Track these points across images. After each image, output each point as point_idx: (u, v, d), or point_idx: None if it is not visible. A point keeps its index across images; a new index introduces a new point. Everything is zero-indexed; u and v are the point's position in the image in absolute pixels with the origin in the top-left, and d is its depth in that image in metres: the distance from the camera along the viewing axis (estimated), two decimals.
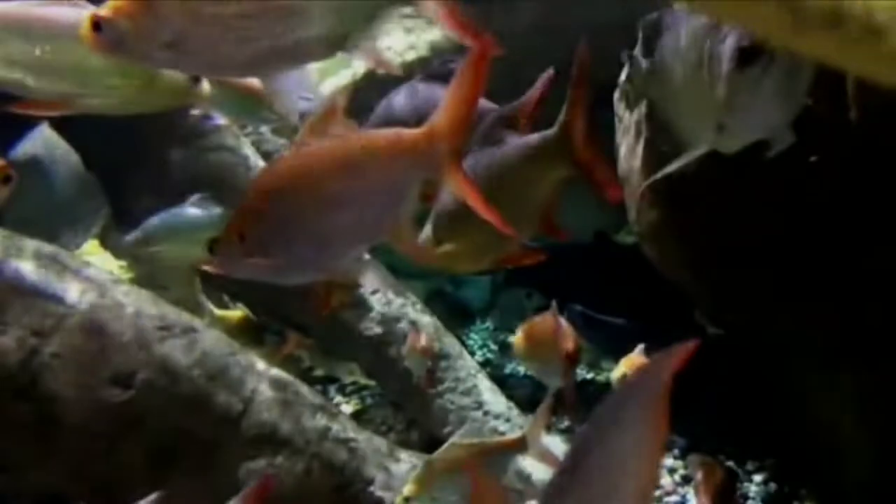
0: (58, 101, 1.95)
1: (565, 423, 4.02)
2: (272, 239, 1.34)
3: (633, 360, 2.85)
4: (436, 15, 1.38)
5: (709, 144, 1.70)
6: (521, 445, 2.19)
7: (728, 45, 1.51)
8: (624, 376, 2.81)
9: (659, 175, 1.97)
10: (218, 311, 3.28)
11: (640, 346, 2.90)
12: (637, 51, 2.21)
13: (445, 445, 2.21)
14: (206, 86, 2.07)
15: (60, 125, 3.12)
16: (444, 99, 1.33)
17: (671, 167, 1.87)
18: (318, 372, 3.90)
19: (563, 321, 2.56)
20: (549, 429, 3.72)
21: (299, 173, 1.34)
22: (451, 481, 2.14)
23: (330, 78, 3.93)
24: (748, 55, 1.47)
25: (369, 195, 1.33)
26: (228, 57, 1.28)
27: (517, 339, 2.80)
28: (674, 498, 3.36)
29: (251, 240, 1.34)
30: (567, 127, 1.61)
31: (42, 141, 3.00)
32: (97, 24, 1.29)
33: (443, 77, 1.79)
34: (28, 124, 2.99)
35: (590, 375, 5.01)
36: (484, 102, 1.53)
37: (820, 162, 2.08)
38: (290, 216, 1.33)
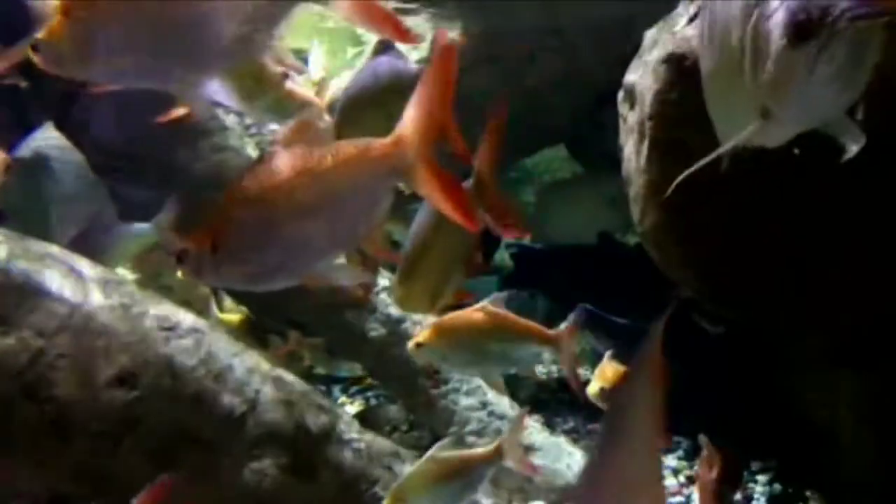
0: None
1: (570, 424, 4.03)
2: (244, 248, 1.37)
3: (606, 369, 2.78)
4: (350, 14, 1.37)
5: (750, 135, 1.48)
6: (496, 456, 2.20)
7: (779, 18, 1.30)
8: (602, 390, 2.71)
9: (687, 172, 1.78)
10: (219, 314, 3.29)
11: (608, 354, 2.86)
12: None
13: (423, 459, 2.20)
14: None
15: (64, 126, 3.13)
16: (409, 106, 1.33)
17: (700, 163, 1.69)
18: (319, 370, 3.90)
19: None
20: (554, 429, 3.73)
21: (270, 184, 1.36)
22: (428, 495, 2.14)
23: (334, 79, 3.93)
24: (803, 30, 1.26)
25: (340, 204, 1.36)
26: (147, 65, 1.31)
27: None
28: (678, 499, 3.35)
29: (223, 248, 1.36)
30: (479, 179, 1.73)
31: (45, 140, 3.01)
32: (35, 47, 1.35)
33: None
34: (32, 125, 3.00)
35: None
36: None
37: (821, 162, 2.07)
38: (262, 225, 1.35)
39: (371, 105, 1.94)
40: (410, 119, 1.33)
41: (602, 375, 2.77)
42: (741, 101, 1.48)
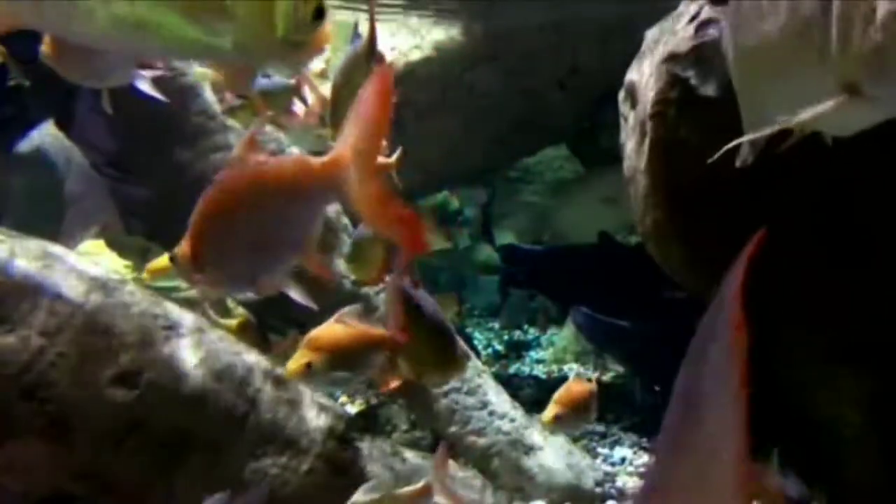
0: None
1: None
2: (212, 258, 1.47)
3: (571, 387, 2.53)
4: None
5: (827, 112, 1.26)
6: (427, 493, 2.18)
7: None
8: (556, 417, 2.44)
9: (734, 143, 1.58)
10: (217, 319, 3.27)
11: (574, 372, 2.76)
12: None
13: (351, 500, 2.20)
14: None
15: (67, 125, 3.13)
16: (347, 126, 1.35)
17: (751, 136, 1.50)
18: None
19: None
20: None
21: (227, 201, 1.45)
22: None
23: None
24: None
25: (281, 218, 1.43)
26: None
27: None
28: None
29: (198, 258, 1.47)
30: None
31: (46, 138, 3.01)
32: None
33: None
34: (32, 122, 3.00)
35: (594, 375, 5.00)
36: None
37: (821, 161, 2.07)
38: (223, 239, 1.45)
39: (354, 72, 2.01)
40: (348, 139, 1.34)
41: (566, 394, 2.51)
42: (802, 78, 1.32)
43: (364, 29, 2.25)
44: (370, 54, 1.86)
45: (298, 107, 2.72)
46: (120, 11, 1.19)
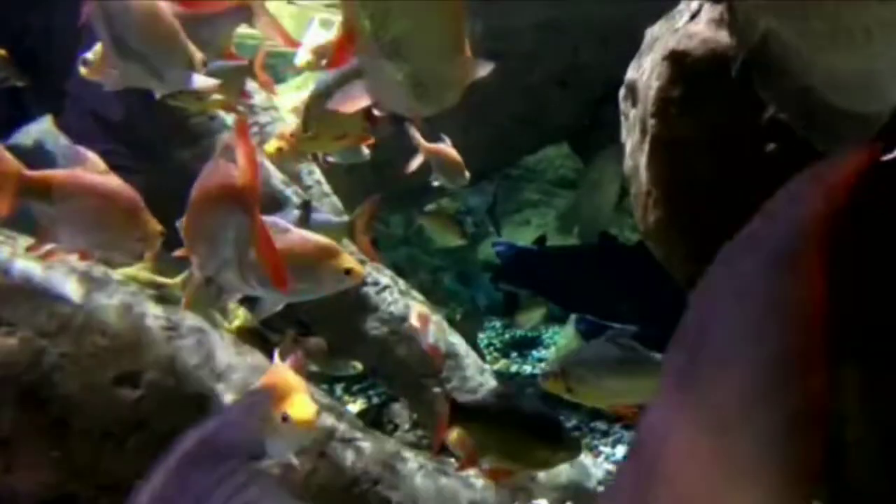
0: None
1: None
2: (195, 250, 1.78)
3: None
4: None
5: None
6: None
7: None
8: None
9: None
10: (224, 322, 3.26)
11: None
12: None
13: None
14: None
15: (65, 126, 3.13)
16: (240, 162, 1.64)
17: None
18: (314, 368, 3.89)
19: None
20: None
21: (198, 203, 1.74)
22: None
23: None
24: None
25: (220, 222, 1.69)
26: None
27: None
28: None
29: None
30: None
31: (45, 135, 3.01)
32: None
33: None
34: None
35: None
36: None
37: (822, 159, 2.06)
38: (201, 232, 1.74)
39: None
40: (241, 172, 1.63)
41: None
42: None
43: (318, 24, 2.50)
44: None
45: (250, 85, 2.75)
46: None
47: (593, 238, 5.32)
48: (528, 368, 5.38)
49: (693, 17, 2.37)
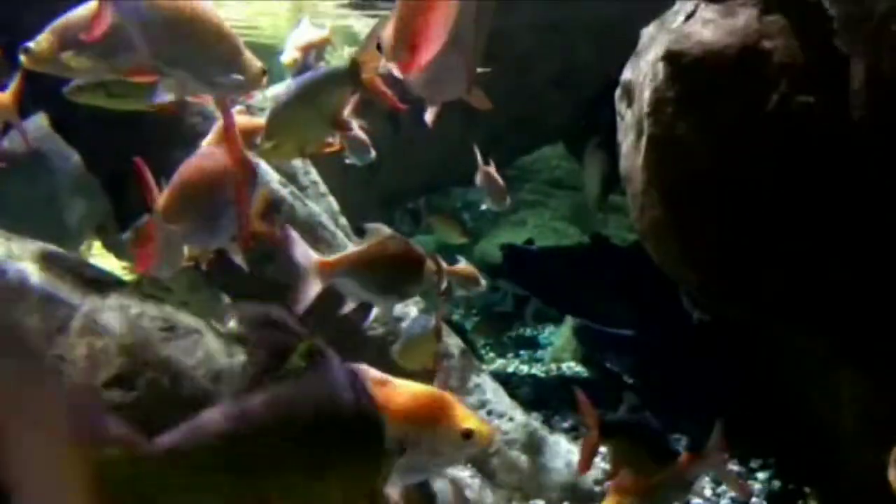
0: None
1: (569, 422, 4.03)
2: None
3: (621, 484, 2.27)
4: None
5: None
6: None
7: None
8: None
9: None
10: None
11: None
12: None
13: None
14: None
15: (62, 127, 3.12)
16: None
17: None
18: None
19: None
20: (553, 428, 3.73)
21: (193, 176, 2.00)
22: None
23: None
24: None
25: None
26: None
27: None
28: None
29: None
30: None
31: (43, 138, 2.99)
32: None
33: None
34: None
35: None
36: None
37: (822, 160, 2.07)
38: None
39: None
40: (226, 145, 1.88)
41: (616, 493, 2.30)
42: None
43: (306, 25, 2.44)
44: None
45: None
46: None
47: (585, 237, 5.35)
48: (524, 369, 5.38)
49: (688, 17, 2.38)
